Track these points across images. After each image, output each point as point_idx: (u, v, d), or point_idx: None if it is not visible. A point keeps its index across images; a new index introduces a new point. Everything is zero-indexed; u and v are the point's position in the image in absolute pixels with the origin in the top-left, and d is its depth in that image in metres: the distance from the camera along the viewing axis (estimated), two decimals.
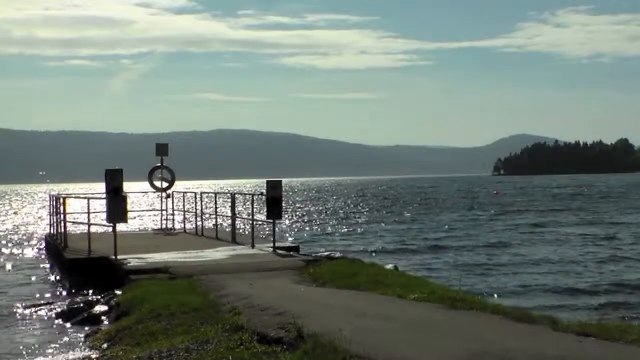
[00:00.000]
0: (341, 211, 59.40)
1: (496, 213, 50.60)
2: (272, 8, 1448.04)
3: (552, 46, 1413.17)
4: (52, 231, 22.88)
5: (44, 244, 26.65)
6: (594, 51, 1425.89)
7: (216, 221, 21.62)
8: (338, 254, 19.41)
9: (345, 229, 39.23)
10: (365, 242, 31.67)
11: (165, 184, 24.09)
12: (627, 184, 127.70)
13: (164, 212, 24.71)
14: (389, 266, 15.83)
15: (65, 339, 11.33)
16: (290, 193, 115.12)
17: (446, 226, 39.57)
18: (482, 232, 35.68)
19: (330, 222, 45.03)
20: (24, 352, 10.62)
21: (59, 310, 13.53)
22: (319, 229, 39.44)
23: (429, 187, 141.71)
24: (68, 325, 12.35)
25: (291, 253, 16.86)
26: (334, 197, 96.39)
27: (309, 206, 70.04)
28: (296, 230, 38.82)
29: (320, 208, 66.07)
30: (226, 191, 26.99)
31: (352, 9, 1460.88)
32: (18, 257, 25.45)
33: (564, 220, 41.83)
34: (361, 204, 72.17)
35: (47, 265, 21.92)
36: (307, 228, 40.27)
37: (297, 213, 56.63)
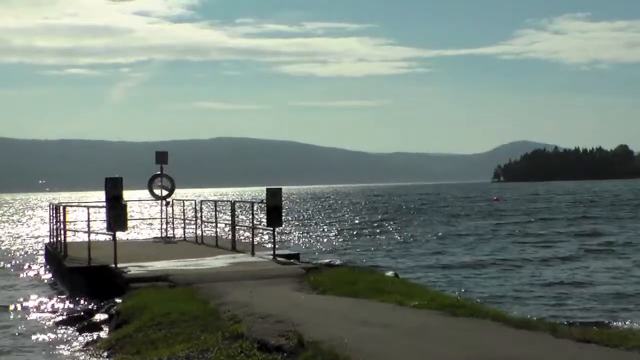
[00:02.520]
0: (342, 219, 59.37)
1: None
2: (270, 16, 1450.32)
3: (550, 53, 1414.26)
4: (52, 240, 22.87)
5: (43, 253, 26.64)
6: (593, 58, 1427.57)
7: (216, 229, 21.63)
8: (338, 262, 19.42)
9: (346, 237, 39.21)
10: (366, 250, 31.63)
11: (165, 192, 24.09)
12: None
13: (164, 220, 24.71)
14: (389, 273, 15.83)
15: (66, 347, 11.32)
16: (289, 201, 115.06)
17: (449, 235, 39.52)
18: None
19: (331, 230, 45.01)
20: None
21: (59, 318, 13.54)
22: (319, 237, 39.42)
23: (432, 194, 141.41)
24: (68, 333, 12.34)
25: (291, 261, 16.84)
26: (335, 205, 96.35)
27: (310, 214, 70.02)
28: (296, 237, 38.81)
29: (321, 216, 66.03)
30: (226, 199, 26.96)
31: (351, 17, 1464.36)
32: (18, 266, 25.42)
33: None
34: (362, 212, 72.14)
35: (47, 274, 21.90)
36: (308, 236, 40.26)
37: (298, 221, 56.60)
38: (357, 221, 54.58)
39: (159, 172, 23.98)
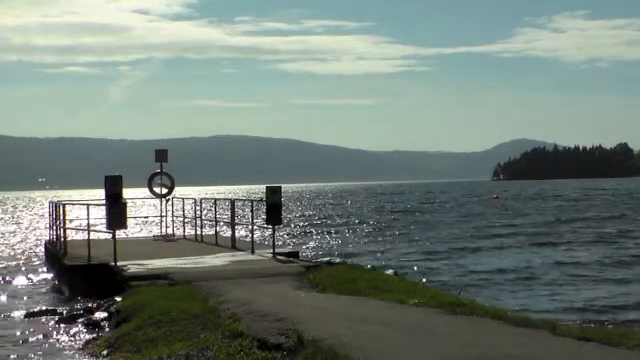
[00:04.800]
0: (340, 218, 59.36)
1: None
2: (269, 14, 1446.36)
3: (550, 51, 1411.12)
4: (52, 238, 22.87)
5: (43, 251, 26.64)
6: (592, 56, 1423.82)
7: (216, 227, 21.62)
8: (338, 260, 19.42)
9: (346, 235, 39.21)
10: (366, 248, 31.65)
11: (165, 191, 24.09)
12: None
13: (163, 219, 24.72)
14: (389, 272, 15.84)
15: (66, 346, 11.33)
16: (290, 200, 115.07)
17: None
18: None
19: (330, 229, 45.01)
20: None
21: (58, 317, 13.54)
22: (319, 235, 39.42)
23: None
24: (68, 332, 12.34)
25: (291, 259, 16.85)
26: (335, 204, 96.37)
27: (309, 212, 70.01)
28: (296, 236, 38.81)
29: (320, 214, 66.02)
30: (226, 197, 26.93)
31: (350, 15, 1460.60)
32: (18, 265, 25.43)
33: None
34: (362, 210, 72.15)
35: (47, 273, 21.91)
36: (307, 234, 40.25)
37: (297, 219, 56.59)
38: (357, 220, 54.60)
39: (159, 171, 23.99)
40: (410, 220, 50.92)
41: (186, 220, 24.14)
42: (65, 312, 13.95)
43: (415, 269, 23.40)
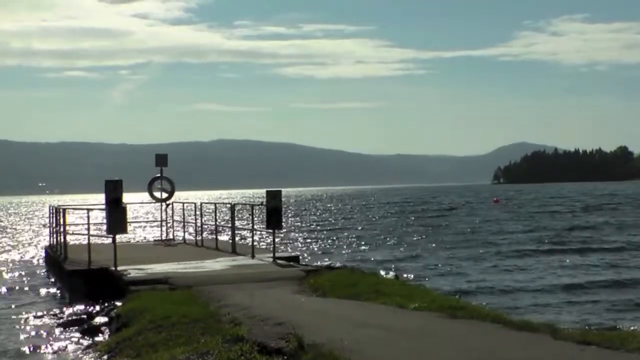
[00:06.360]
0: (341, 221, 59.35)
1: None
2: (267, 18, 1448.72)
3: (549, 55, 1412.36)
4: (52, 242, 22.87)
5: (43, 256, 26.63)
6: (591, 59, 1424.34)
7: (216, 232, 21.62)
8: (338, 264, 19.43)
9: (346, 239, 39.17)
10: (366, 252, 31.62)
11: (165, 195, 24.11)
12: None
13: (163, 223, 24.71)
14: (390, 275, 15.84)
15: (66, 350, 11.32)
16: (290, 204, 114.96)
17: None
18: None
19: (331, 233, 44.97)
20: None
21: (59, 321, 13.53)
22: (319, 240, 39.38)
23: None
24: (68, 336, 12.33)
25: (291, 263, 16.84)
26: (335, 208, 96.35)
27: (309, 216, 69.99)
28: (296, 240, 38.78)
29: (320, 218, 66.00)
30: (226, 202, 26.91)
31: (348, 19, 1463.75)
32: (18, 269, 25.41)
33: None
34: (363, 214, 72.13)
35: (47, 277, 21.89)
36: (307, 238, 40.22)
37: (297, 223, 56.57)
38: (357, 224, 54.60)
39: (158, 175, 24.00)
40: (410, 223, 50.91)
41: (186, 225, 24.14)
42: (65, 317, 13.94)
43: (415, 272, 23.37)
